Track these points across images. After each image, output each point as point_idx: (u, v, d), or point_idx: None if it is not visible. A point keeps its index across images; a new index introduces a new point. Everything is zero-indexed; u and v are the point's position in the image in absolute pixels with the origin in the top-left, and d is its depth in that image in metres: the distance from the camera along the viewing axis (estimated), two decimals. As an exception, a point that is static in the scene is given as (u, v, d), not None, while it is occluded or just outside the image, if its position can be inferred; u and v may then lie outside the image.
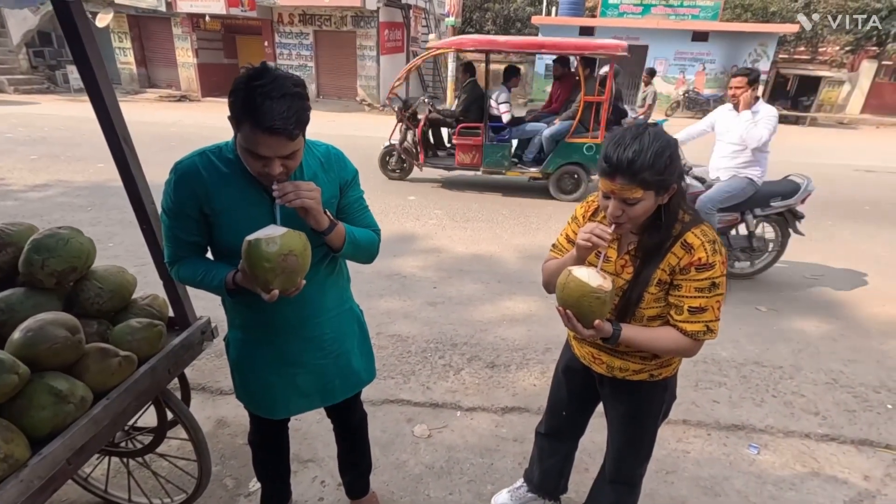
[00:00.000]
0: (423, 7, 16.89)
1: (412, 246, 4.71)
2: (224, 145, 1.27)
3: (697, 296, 1.22)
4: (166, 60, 16.54)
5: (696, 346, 1.26)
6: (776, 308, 3.79)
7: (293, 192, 1.14)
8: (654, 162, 1.10)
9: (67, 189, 5.96)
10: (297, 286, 1.16)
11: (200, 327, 1.67)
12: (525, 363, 3.00)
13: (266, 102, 1.03)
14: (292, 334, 1.44)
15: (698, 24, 16.81)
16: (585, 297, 1.16)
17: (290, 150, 1.12)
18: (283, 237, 1.08)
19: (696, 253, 1.20)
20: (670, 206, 1.21)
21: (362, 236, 1.39)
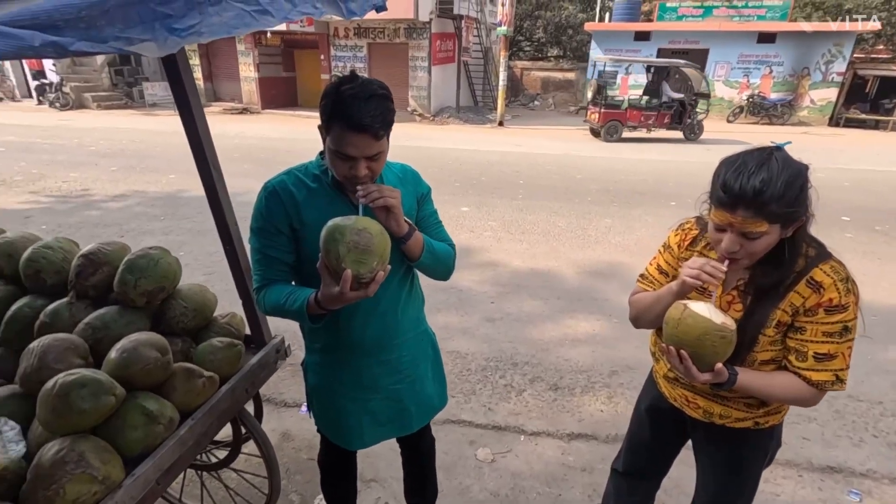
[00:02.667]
0: (474, 17, 16.96)
1: (468, 259, 4.66)
2: (310, 163, 1.31)
3: (826, 341, 1.08)
4: (230, 75, 17.46)
5: (820, 396, 1.12)
6: (870, 335, 3.44)
7: (377, 192, 1.15)
8: (785, 192, 0.97)
9: (143, 199, 6.34)
10: (371, 271, 1.06)
11: (275, 346, 1.68)
12: (590, 387, 2.86)
13: (356, 103, 1.08)
14: (370, 356, 1.42)
15: (765, 24, 15.92)
16: (708, 336, 1.02)
17: (375, 150, 1.14)
18: (358, 217, 1.08)
19: (827, 293, 1.06)
20: (794, 240, 1.08)
21: (440, 248, 1.38)
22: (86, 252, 1.49)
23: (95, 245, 1.52)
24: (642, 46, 17.04)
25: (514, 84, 19.91)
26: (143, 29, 0.59)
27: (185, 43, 0.65)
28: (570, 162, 9.39)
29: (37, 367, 1.22)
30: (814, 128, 15.53)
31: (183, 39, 0.64)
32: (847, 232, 5.58)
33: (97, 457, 1.10)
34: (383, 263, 1.08)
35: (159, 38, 0.60)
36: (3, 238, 1.63)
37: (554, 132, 13.48)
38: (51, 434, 1.14)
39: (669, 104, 12.00)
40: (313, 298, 1.16)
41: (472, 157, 9.47)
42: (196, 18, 0.64)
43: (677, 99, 12.04)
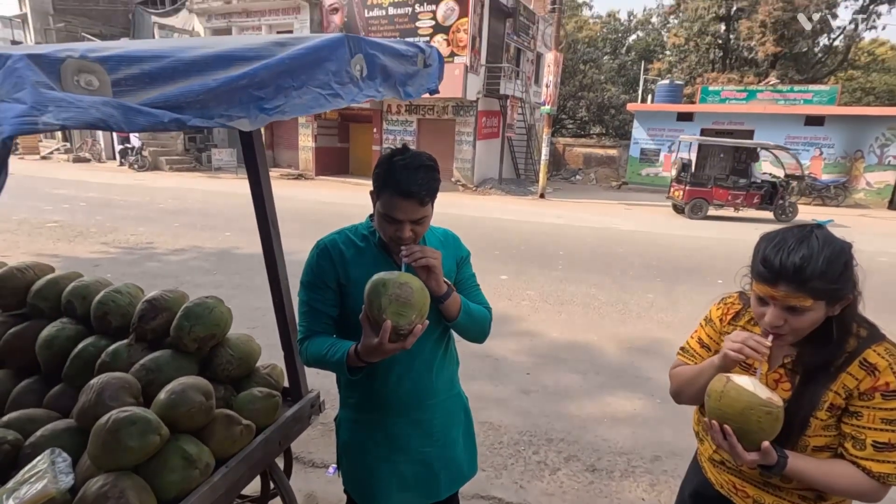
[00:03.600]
0: (519, 97, 17.92)
1: (504, 328, 4.62)
2: (360, 224, 1.41)
3: (885, 428, 1.01)
4: (289, 144, 18.93)
5: (883, 491, 1.03)
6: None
7: (419, 252, 1.22)
8: (827, 269, 0.97)
9: (199, 254, 6.76)
10: (410, 324, 1.11)
11: (311, 400, 1.72)
12: (631, 471, 2.68)
13: (406, 172, 1.18)
14: (403, 416, 1.42)
15: (812, 108, 15.95)
16: (753, 411, 0.98)
17: (420, 214, 1.22)
18: (401, 273, 1.15)
19: (883, 376, 1.01)
20: (842, 319, 1.05)
21: (476, 310, 1.42)
22: (150, 298, 1.62)
23: (159, 292, 1.65)
24: (685, 126, 17.31)
25: (556, 159, 20.47)
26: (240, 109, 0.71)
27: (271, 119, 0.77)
28: (610, 235, 9.36)
29: (93, 402, 1.30)
30: (872, 210, 14.93)
31: (270, 117, 0.76)
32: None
33: (136, 496, 1.14)
34: (422, 317, 1.12)
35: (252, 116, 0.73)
36: (80, 281, 1.79)
37: (595, 206, 13.57)
38: (97, 469, 1.19)
39: (759, 184, 11.98)
40: (353, 350, 1.20)
41: (513, 227, 9.62)
42: (282, 100, 0.77)
43: (768, 180, 12.05)
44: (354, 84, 0.95)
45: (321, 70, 0.84)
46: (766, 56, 21.46)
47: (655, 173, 18.04)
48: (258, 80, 0.71)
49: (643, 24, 30.50)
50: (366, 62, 0.95)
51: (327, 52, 0.84)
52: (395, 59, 1.12)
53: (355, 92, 0.95)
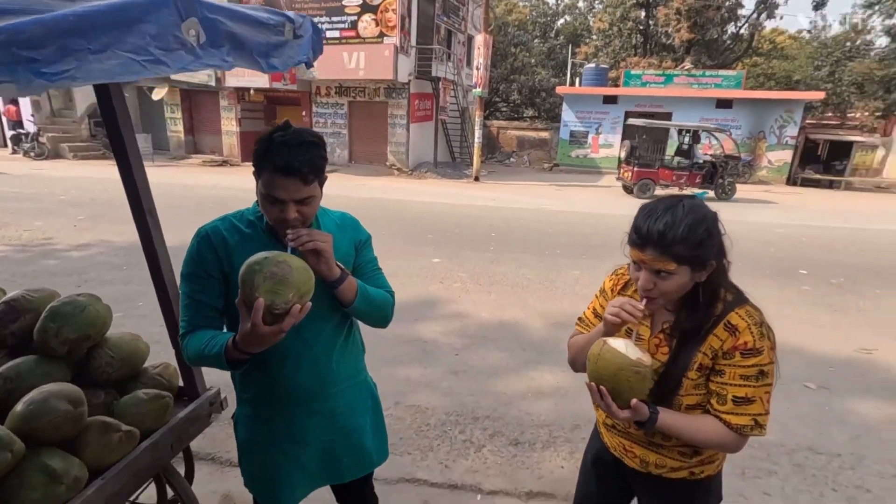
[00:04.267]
0: (451, 79, 17.84)
1: (435, 310, 4.63)
2: (246, 210, 1.33)
3: (743, 384, 1.09)
4: (212, 128, 17.76)
5: (741, 441, 1.12)
6: (827, 386, 3.49)
7: (306, 235, 1.16)
8: (689, 236, 1.03)
9: (107, 249, 6.21)
10: (286, 302, 1.02)
11: (209, 398, 1.61)
12: (552, 441, 2.79)
13: (284, 148, 1.12)
14: (303, 407, 1.37)
15: (722, 92, 17.12)
16: (623, 371, 1.04)
17: (304, 194, 1.16)
18: (280, 252, 1.08)
19: (742, 336, 1.09)
20: (709, 285, 1.12)
21: (376, 294, 1.38)
22: (8, 299, 1.44)
23: (20, 291, 1.47)
24: (611, 109, 18.04)
25: (491, 142, 20.69)
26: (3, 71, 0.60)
27: (54, 86, 0.67)
28: (541, 216, 9.62)
29: (-67, 421, 1.14)
30: (773, 186, 16.38)
31: (52, 83, 0.66)
32: (805, 285, 5.75)
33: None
34: (301, 297, 1.05)
35: (21, 80, 0.62)
36: (-74, 284, 1.56)
37: (527, 188, 13.89)
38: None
39: (701, 165, 12.66)
40: (231, 341, 1.12)
41: (447, 211, 9.64)
42: (72, 64, 0.66)
43: (708, 161, 12.74)
44: (188, 51, 0.85)
45: (133, 33, 0.74)
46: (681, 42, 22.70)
47: (585, 155, 18.72)
48: (26, 38, 0.61)
49: (570, 8, 31.26)
50: (203, 27, 0.86)
51: (138, 13, 0.73)
52: (250, 28, 1.02)
53: (189, 60, 0.86)
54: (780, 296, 5.35)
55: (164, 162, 16.27)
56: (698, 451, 1.23)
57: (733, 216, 10.30)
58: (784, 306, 5.03)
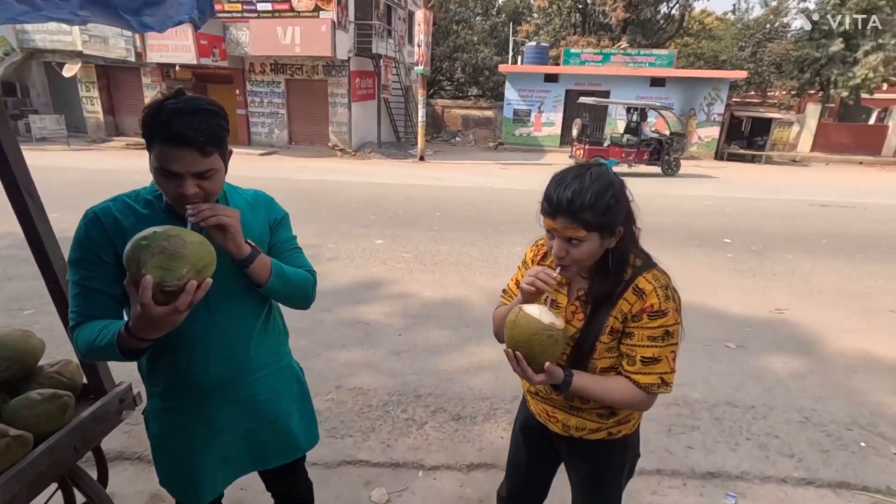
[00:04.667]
0: (393, 57, 17.43)
1: (378, 292, 4.57)
2: (142, 189, 1.22)
3: (650, 345, 1.14)
4: (135, 109, 16.45)
5: (650, 399, 1.17)
6: (745, 345, 3.76)
7: (209, 210, 1.07)
8: (595, 202, 1.05)
9: (14, 241, 5.65)
10: (179, 278, 0.93)
11: (119, 395, 1.50)
12: (492, 414, 2.84)
13: (176, 116, 1.03)
14: (219, 397, 1.29)
15: (656, 70, 17.78)
16: (537, 336, 1.06)
17: (203, 166, 1.07)
18: (172, 226, 0.98)
19: (648, 299, 1.13)
20: (618, 251, 1.15)
21: (294, 273, 1.30)
22: None
23: None
24: (552, 87, 18.32)
25: (436, 121, 20.52)
26: None
27: None
28: (485, 194, 9.69)
29: None
30: (703, 161, 17.33)
31: None
32: (728, 252, 6.16)
33: None
34: (198, 273, 0.96)
35: None
36: None
37: (472, 167, 13.93)
38: None
39: (648, 142, 13.02)
40: (125, 327, 1.02)
41: (391, 191, 9.50)
42: None
43: (655, 138, 13.11)
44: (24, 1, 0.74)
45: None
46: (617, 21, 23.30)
47: (528, 133, 18.98)
48: None
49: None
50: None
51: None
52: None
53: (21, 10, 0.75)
54: (708, 263, 5.70)
55: (81, 145, 14.97)
56: (614, 412, 1.28)
57: (677, 190, 10.83)
58: (710, 273, 5.37)
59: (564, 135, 18.78)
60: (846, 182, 13.43)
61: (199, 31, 12.90)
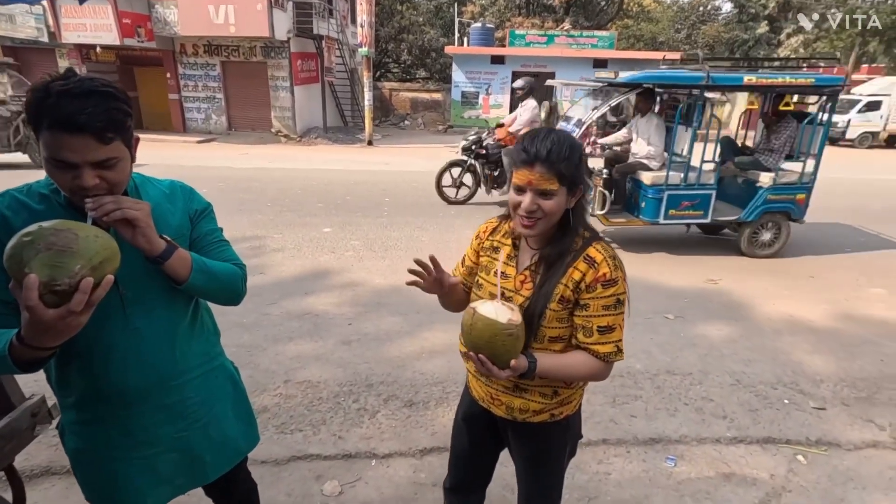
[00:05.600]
0: (335, 38, 16.84)
1: (326, 281, 4.47)
2: (35, 183, 1.11)
3: (605, 314, 1.18)
4: (53, 95, 15.12)
5: (608, 369, 1.23)
6: (682, 315, 3.97)
7: (112, 203, 0.98)
8: (570, 156, 1.13)
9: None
10: (71, 276, 0.83)
11: (30, 409, 1.38)
12: (445, 397, 2.86)
13: (66, 98, 0.93)
14: (140, 404, 1.20)
15: (598, 52, 18.15)
16: (497, 337, 1.06)
17: (102, 155, 0.98)
18: (61, 220, 0.88)
19: (601, 268, 1.17)
20: (577, 211, 1.22)
21: (218, 267, 1.23)
22: None
23: None
24: (499, 69, 18.33)
25: (384, 104, 20.12)
26: None
27: None
28: (437, 178, 9.63)
29: None
30: (644, 141, 17.98)
31: None
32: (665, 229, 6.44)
33: None
34: (94, 270, 0.86)
35: None
36: None
37: (422, 150, 13.79)
38: None
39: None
40: (16, 336, 0.92)
41: (338, 178, 9.26)
42: None
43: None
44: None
45: None
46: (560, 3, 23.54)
47: (476, 115, 18.96)
48: None
49: (455, -36, 30.73)
50: None
51: None
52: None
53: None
54: (651, 239, 5.94)
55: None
56: (557, 391, 1.30)
57: None
58: (651, 247, 5.61)
59: (512, 117, 18.94)
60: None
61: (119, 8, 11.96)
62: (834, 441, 2.56)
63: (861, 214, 7.25)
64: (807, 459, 2.43)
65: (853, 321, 3.94)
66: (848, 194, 8.74)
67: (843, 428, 2.66)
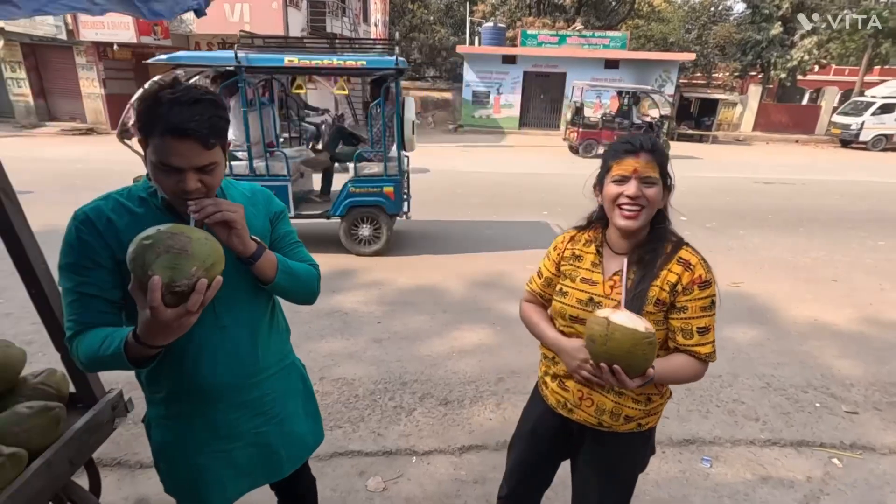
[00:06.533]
0: (348, 36, 16.90)
1: (351, 280, 4.52)
2: (134, 186, 1.15)
3: (703, 315, 1.20)
4: (69, 91, 15.25)
5: (705, 369, 1.24)
6: (708, 317, 3.98)
7: (213, 206, 1.02)
8: (665, 152, 1.22)
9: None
10: (189, 278, 0.88)
11: (111, 402, 1.43)
12: (479, 396, 2.90)
13: (176, 107, 0.97)
14: (226, 401, 1.25)
15: (609, 52, 18.11)
16: (639, 346, 1.03)
17: (205, 160, 1.02)
18: (175, 224, 0.93)
19: (696, 270, 1.20)
20: (664, 213, 1.26)
21: (299, 268, 1.28)
22: None
23: None
24: (510, 69, 18.33)
25: (394, 103, 20.14)
26: None
27: None
28: (451, 177, 9.68)
29: None
30: (655, 142, 17.91)
31: None
32: (686, 230, 6.43)
33: None
34: (207, 271, 0.91)
35: None
36: None
37: (435, 150, 13.82)
38: None
39: (640, 125, 13.33)
40: (132, 334, 0.96)
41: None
42: None
43: (647, 121, 13.41)
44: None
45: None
46: (572, 3, 23.48)
47: (487, 115, 18.98)
48: None
49: (466, -36, 30.72)
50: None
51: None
52: (123, -38, 0.84)
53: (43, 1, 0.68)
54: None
55: (9, 132, 13.76)
56: (651, 398, 1.29)
57: None
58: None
59: (524, 116, 18.92)
60: (787, 159, 14.27)
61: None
62: (868, 445, 2.58)
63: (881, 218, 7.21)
64: (842, 463, 2.45)
65: (879, 325, 3.95)
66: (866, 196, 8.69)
67: (877, 432, 2.68)
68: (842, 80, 25.64)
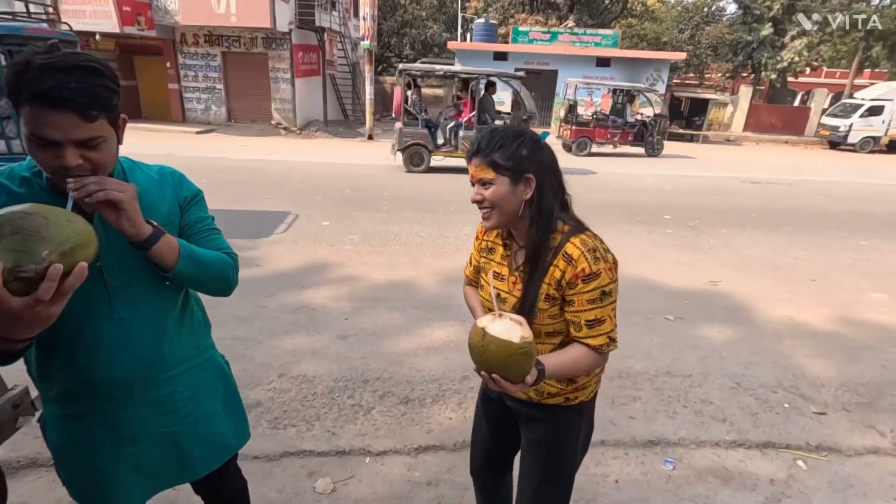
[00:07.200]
0: (337, 30, 16.74)
1: (324, 275, 4.42)
2: (17, 165, 1.05)
3: (591, 308, 1.17)
4: (51, 82, 15.00)
5: (603, 359, 1.23)
6: (683, 316, 3.93)
7: (95, 184, 0.92)
8: (504, 145, 1.16)
9: None
10: (39, 262, 0.77)
11: (12, 400, 1.33)
12: (441, 395, 2.82)
13: (47, 72, 0.88)
14: (128, 398, 1.15)
15: (601, 50, 18.08)
16: (512, 357, 1.02)
17: (86, 133, 0.92)
18: (32, 204, 0.82)
19: (578, 264, 1.15)
20: (541, 206, 1.19)
21: (208, 255, 1.17)
22: None
23: None
24: (502, 65, 18.22)
25: (385, 99, 20.00)
26: None
27: None
28: (435, 175, 9.58)
29: None
30: (645, 141, 17.91)
31: None
32: (668, 228, 6.41)
33: None
34: (63, 256, 0.79)
35: None
36: None
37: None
38: None
39: (633, 124, 13.26)
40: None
41: (338, 171, 9.21)
42: None
43: (640, 119, 13.33)
44: None
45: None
46: (564, 1, 23.42)
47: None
48: None
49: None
50: None
51: None
52: None
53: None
54: (649, 239, 5.90)
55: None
56: (573, 379, 1.29)
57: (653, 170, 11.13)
58: (651, 248, 5.56)
59: (514, 114, 18.83)
60: (776, 160, 14.30)
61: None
62: (835, 446, 2.52)
63: (862, 219, 7.22)
64: (807, 465, 2.39)
65: (854, 325, 3.91)
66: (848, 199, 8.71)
67: (844, 433, 2.63)
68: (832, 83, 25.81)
